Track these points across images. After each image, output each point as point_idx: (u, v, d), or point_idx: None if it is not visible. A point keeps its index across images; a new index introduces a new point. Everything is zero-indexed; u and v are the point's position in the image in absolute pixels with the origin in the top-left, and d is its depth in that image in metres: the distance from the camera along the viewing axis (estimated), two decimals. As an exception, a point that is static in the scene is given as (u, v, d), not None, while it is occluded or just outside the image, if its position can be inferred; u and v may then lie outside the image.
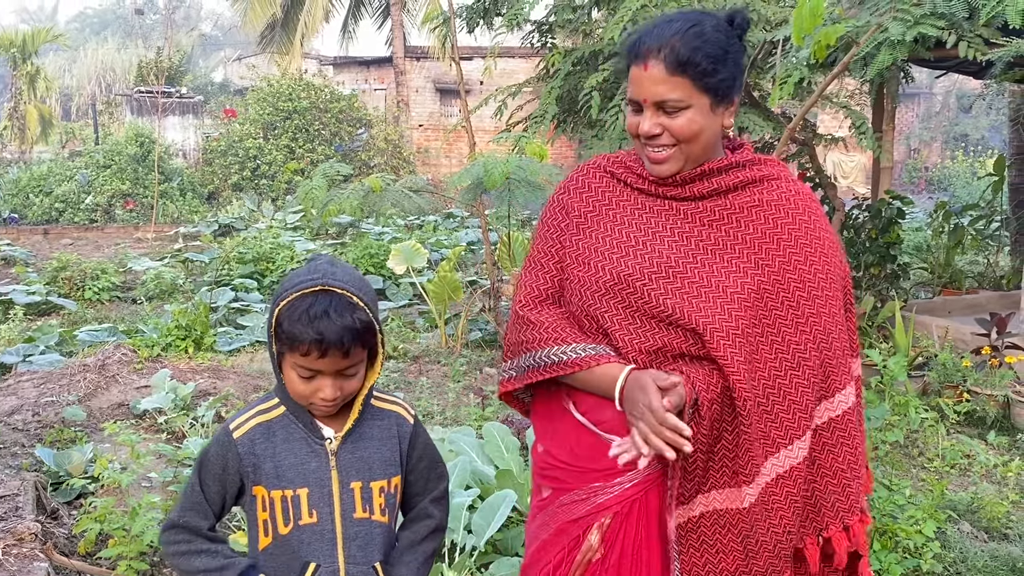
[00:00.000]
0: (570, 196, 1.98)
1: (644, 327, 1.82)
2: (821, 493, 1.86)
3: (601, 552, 1.83)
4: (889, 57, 3.83)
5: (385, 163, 18.65)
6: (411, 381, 6.29)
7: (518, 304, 1.96)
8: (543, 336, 1.88)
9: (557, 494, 1.91)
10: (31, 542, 3.44)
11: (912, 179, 24.79)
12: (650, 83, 1.77)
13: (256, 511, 1.82)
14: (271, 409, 1.84)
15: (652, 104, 1.78)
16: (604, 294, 1.84)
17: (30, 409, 5.38)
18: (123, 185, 16.89)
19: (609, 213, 1.91)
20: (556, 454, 1.92)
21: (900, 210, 7.21)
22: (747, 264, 1.82)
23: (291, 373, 1.77)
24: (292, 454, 1.81)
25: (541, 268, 1.96)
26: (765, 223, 1.85)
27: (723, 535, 1.80)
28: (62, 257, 9.93)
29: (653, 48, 1.76)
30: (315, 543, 1.80)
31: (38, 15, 56.13)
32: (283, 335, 1.73)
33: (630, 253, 1.85)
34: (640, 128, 1.81)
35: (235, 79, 31.00)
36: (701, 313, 1.76)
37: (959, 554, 3.71)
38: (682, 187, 1.87)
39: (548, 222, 1.99)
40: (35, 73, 24.16)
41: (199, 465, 1.82)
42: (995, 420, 5.38)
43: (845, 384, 1.88)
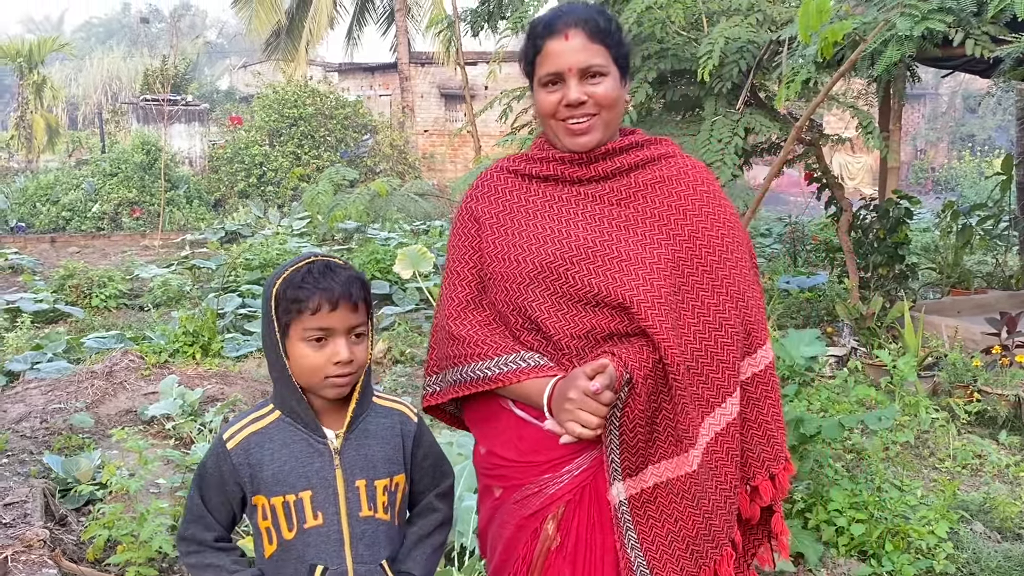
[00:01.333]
0: (478, 202, 2.00)
1: (571, 311, 1.85)
2: (748, 445, 1.94)
3: (558, 540, 1.86)
4: (897, 53, 3.81)
5: (390, 169, 18.68)
6: (418, 385, 6.28)
7: (442, 317, 1.97)
8: (469, 351, 1.90)
9: (509, 492, 1.91)
10: (40, 549, 3.44)
11: (919, 180, 24.75)
12: (572, 53, 1.86)
13: (257, 520, 1.80)
14: (265, 416, 1.82)
15: (576, 71, 1.86)
16: (528, 283, 1.87)
17: (38, 416, 5.39)
18: (129, 193, 16.93)
19: (520, 209, 1.95)
20: (501, 453, 1.92)
21: (908, 210, 7.18)
22: (660, 236, 1.89)
23: (301, 348, 1.75)
24: (292, 457, 1.78)
25: (459, 276, 1.97)
26: (669, 196, 1.93)
27: (679, 502, 1.83)
28: (69, 265, 9.95)
29: (571, 22, 1.86)
30: (322, 545, 1.79)
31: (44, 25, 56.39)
32: (287, 304, 1.74)
33: (548, 241, 1.89)
34: (568, 97, 1.87)
35: (241, 86, 31.09)
36: (626, 287, 1.81)
37: (972, 554, 3.69)
38: (586, 167, 1.93)
39: (459, 231, 2.01)
40: (41, 82, 24.29)
41: (197, 478, 1.81)
42: (1006, 420, 5.35)
43: (765, 340, 1.96)
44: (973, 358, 5.74)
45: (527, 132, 7.49)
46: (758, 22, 5.79)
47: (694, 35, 6.00)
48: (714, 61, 5.33)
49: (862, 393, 4.96)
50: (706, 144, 5.43)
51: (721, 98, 5.90)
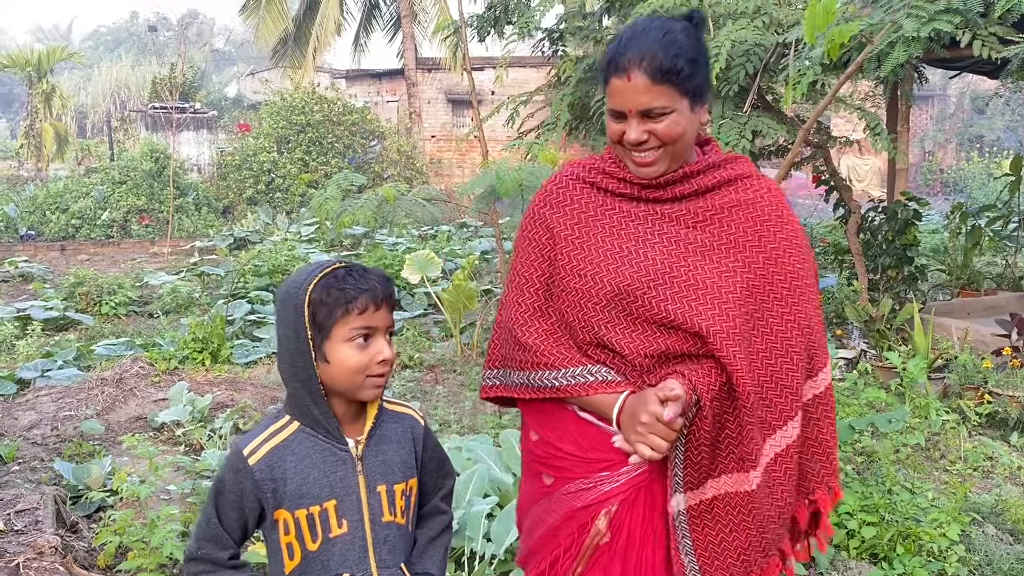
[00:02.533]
0: (552, 211, 1.99)
1: (645, 332, 1.88)
2: (808, 462, 2.01)
3: (608, 536, 1.90)
4: (904, 54, 3.81)
5: (398, 174, 18.70)
6: (427, 390, 6.29)
7: (509, 321, 1.99)
8: (537, 360, 1.93)
9: (561, 482, 1.96)
10: (51, 555, 3.45)
11: (927, 181, 24.65)
12: (634, 93, 1.83)
13: (278, 536, 1.77)
14: (283, 428, 1.79)
15: (638, 113, 1.85)
16: (605, 305, 1.89)
17: (49, 423, 5.41)
18: (139, 200, 16.99)
19: (595, 223, 1.95)
20: (560, 445, 1.96)
21: (916, 212, 7.16)
22: (735, 263, 1.91)
23: (344, 350, 1.74)
24: (315, 468, 1.77)
25: (527, 282, 1.98)
26: (745, 222, 1.94)
27: (735, 514, 1.89)
28: (79, 273, 9.98)
29: (635, 59, 1.82)
30: (347, 553, 1.78)
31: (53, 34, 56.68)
32: (330, 307, 1.73)
33: (625, 263, 1.90)
34: (627, 137, 1.87)
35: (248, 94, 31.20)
36: (701, 316, 1.84)
37: (984, 557, 3.67)
38: (664, 189, 1.93)
39: (530, 237, 2.01)
40: (51, 91, 24.38)
41: (215, 495, 1.76)
42: (1017, 421, 5.32)
43: (826, 362, 2.03)
44: (983, 360, 5.72)
45: (534, 136, 7.50)
46: (764, 25, 5.78)
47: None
48: (720, 64, 5.33)
49: (872, 395, 4.94)
50: (713, 147, 5.42)
51: (728, 101, 5.90)
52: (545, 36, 7.82)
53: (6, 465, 4.71)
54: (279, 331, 1.80)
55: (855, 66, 3.86)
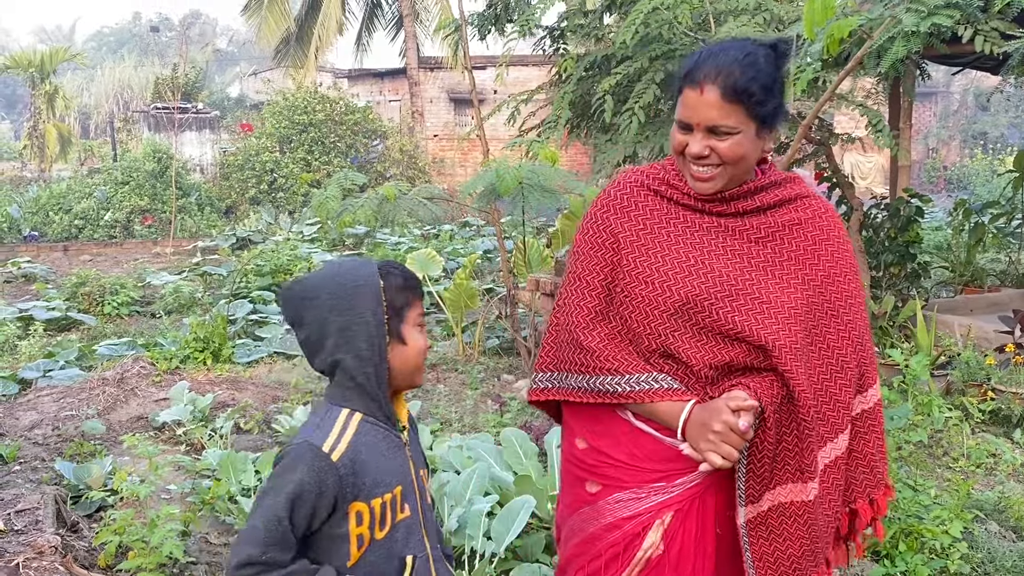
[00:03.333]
0: (615, 215, 1.99)
1: (710, 343, 1.90)
2: (852, 473, 2.06)
3: (661, 548, 1.91)
4: (903, 49, 3.80)
5: (401, 174, 18.71)
6: (429, 389, 6.28)
7: (569, 324, 1.98)
8: (599, 364, 1.93)
9: (609, 491, 1.96)
10: (51, 555, 3.44)
11: (931, 178, 24.63)
12: (705, 107, 1.84)
13: (347, 528, 1.75)
14: (349, 420, 1.78)
15: (704, 128, 1.85)
16: (673, 314, 1.90)
17: (50, 423, 5.41)
18: (141, 201, 17.01)
19: (661, 232, 1.95)
20: (611, 453, 1.96)
21: (919, 208, 7.14)
22: (795, 280, 1.94)
23: (415, 333, 1.84)
24: (383, 456, 1.80)
25: (588, 286, 1.97)
26: (805, 240, 1.98)
27: (789, 525, 1.92)
28: (81, 273, 10.00)
29: (711, 74, 1.82)
30: (410, 536, 1.83)
31: (56, 35, 56.77)
32: (405, 292, 1.83)
33: (692, 273, 1.90)
34: (689, 150, 1.88)
35: (251, 94, 31.20)
36: (766, 330, 1.87)
37: (987, 554, 3.65)
38: (727, 204, 1.96)
39: (592, 241, 2.00)
40: (53, 92, 24.42)
41: (292, 497, 1.68)
42: (1021, 418, 5.30)
43: (875, 379, 2.07)
44: (986, 356, 5.70)
45: (535, 135, 7.48)
46: (765, 21, 5.77)
47: (701, 35, 5.98)
48: (721, 61, 5.31)
49: (875, 393, 4.92)
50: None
51: (729, 98, 5.87)
52: (546, 34, 7.80)
53: (7, 465, 4.71)
54: (340, 324, 1.77)
55: (855, 62, 3.85)
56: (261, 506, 1.70)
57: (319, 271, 1.87)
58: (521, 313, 7.33)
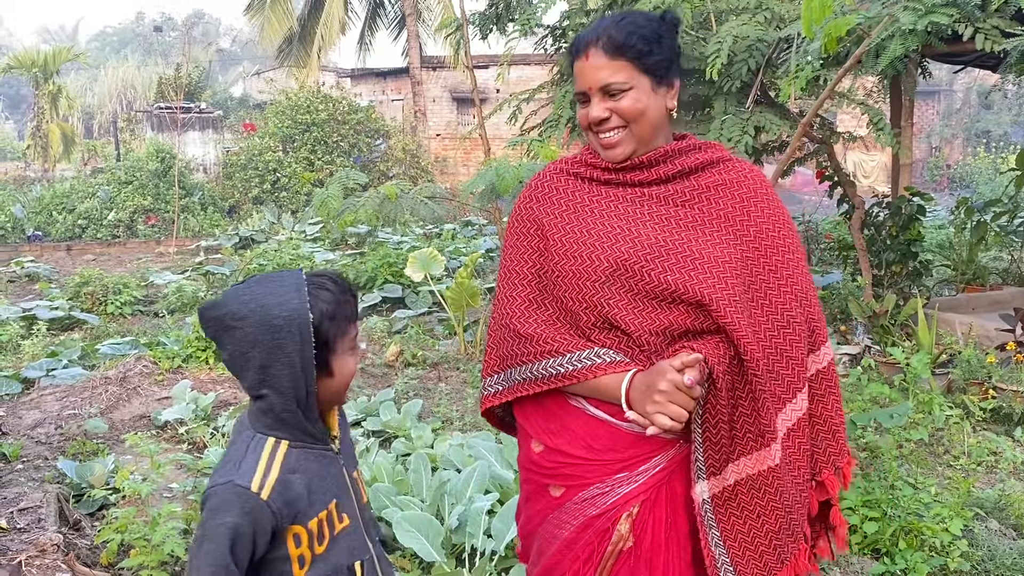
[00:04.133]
0: (538, 203, 2.00)
1: (647, 308, 1.86)
2: (815, 440, 1.99)
3: (631, 541, 1.85)
4: (901, 47, 3.80)
5: (403, 173, 18.71)
6: (430, 388, 6.29)
7: (505, 317, 1.96)
8: (538, 348, 1.90)
9: (574, 491, 1.90)
10: (53, 553, 3.46)
11: (934, 177, 24.59)
12: (592, 71, 1.87)
13: (287, 551, 1.70)
14: (275, 451, 1.71)
15: (598, 90, 1.88)
16: (605, 281, 1.87)
17: (53, 422, 5.43)
18: (144, 201, 17.03)
19: (585, 209, 1.95)
20: (569, 451, 1.90)
21: (920, 207, 7.14)
22: (727, 236, 1.90)
23: (346, 360, 1.77)
24: (316, 477, 1.75)
25: (519, 276, 1.97)
26: (733, 199, 1.94)
27: (761, 498, 1.86)
28: (85, 272, 10.01)
29: (591, 39, 1.88)
30: (352, 543, 1.80)
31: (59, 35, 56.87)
32: (338, 321, 1.73)
33: (619, 240, 1.89)
34: (590, 115, 1.90)
35: (254, 93, 31.22)
36: (703, 285, 1.82)
37: (987, 552, 3.66)
38: (647, 171, 1.94)
39: (518, 232, 2.01)
40: (57, 92, 24.47)
41: (230, 543, 1.62)
42: (1021, 416, 5.30)
43: (826, 337, 2.01)
44: (988, 355, 5.70)
45: (537, 134, 7.49)
46: (766, 20, 5.77)
47: (702, 34, 5.99)
48: (722, 59, 5.33)
49: (876, 391, 4.93)
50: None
51: (731, 97, 5.89)
52: (547, 33, 7.81)
53: (10, 463, 4.73)
54: (261, 359, 1.67)
55: (853, 60, 3.85)
56: (202, 554, 1.62)
57: (244, 293, 1.71)
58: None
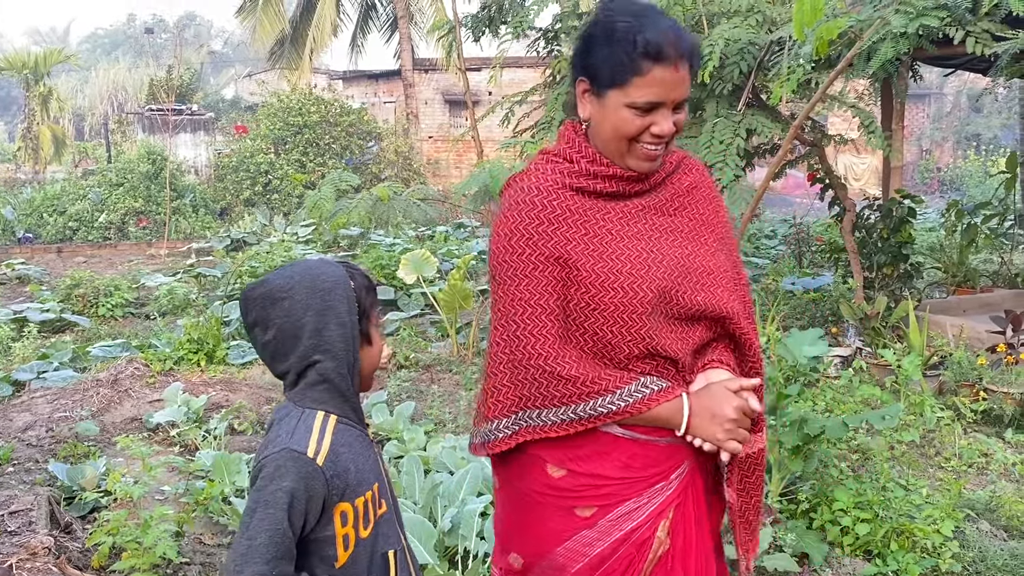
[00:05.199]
0: (553, 227, 1.82)
1: (680, 329, 1.87)
2: None
3: (668, 543, 1.89)
4: (892, 50, 3.81)
5: (395, 175, 18.71)
6: (423, 390, 6.29)
7: (532, 357, 1.80)
8: (584, 390, 1.79)
9: (607, 509, 1.87)
10: (44, 556, 3.44)
11: (924, 180, 24.69)
12: (679, 84, 1.76)
13: (333, 531, 1.71)
14: (325, 423, 1.73)
15: (672, 104, 1.77)
16: (650, 313, 1.81)
17: (43, 425, 5.40)
18: (136, 203, 16.99)
19: (605, 232, 1.84)
20: (603, 473, 1.86)
21: (911, 209, 7.16)
22: (713, 242, 1.95)
23: (378, 334, 1.87)
24: (360, 456, 1.78)
25: (544, 311, 1.81)
26: (704, 201, 1.98)
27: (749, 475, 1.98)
28: (76, 274, 9.97)
29: (683, 52, 1.74)
30: (390, 531, 1.83)
31: (50, 36, 56.69)
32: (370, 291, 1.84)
33: (651, 264, 1.83)
34: (659, 129, 1.78)
35: (245, 95, 31.19)
36: (722, 300, 1.88)
37: (978, 553, 3.67)
38: (643, 181, 1.89)
39: (532, 260, 1.81)
40: (48, 94, 24.41)
41: (284, 508, 1.61)
42: (1012, 418, 5.32)
43: None
44: (978, 357, 5.72)
45: (530, 136, 7.50)
46: (758, 23, 5.79)
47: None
48: (714, 62, 5.34)
49: (867, 393, 4.94)
50: (708, 146, 5.43)
51: (722, 99, 5.90)
52: (540, 36, 7.82)
53: (1, 467, 4.70)
54: (314, 323, 1.72)
55: (844, 62, 3.87)
56: (254, 520, 1.60)
57: (286, 270, 1.79)
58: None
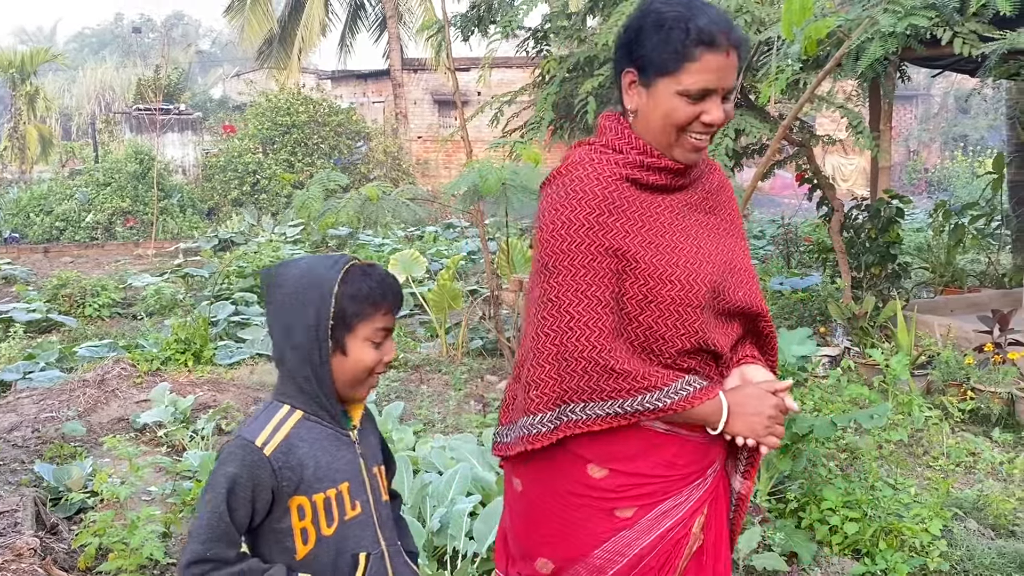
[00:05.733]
0: (611, 218, 1.79)
1: (723, 325, 1.90)
2: None
3: (702, 538, 1.91)
4: (880, 49, 3.83)
5: (384, 175, 18.68)
6: (412, 390, 6.27)
7: (591, 349, 1.77)
8: (635, 385, 1.78)
9: (647, 509, 1.87)
10: (30, 557, 3.42)
11: (912, 180, 24.79)
12: (729, 71, 1.75)
13: (290, 523, 1.75)
14: (287, 417, 1.77)
15: (722, 91, 1.77)
16: (704, 307, 1.82)
17: (29, 425, 5.37)
18: (123, 203, 16.92)
19: (660, 225, 1.84)
20: (646, 471, 1.86)
21: (899, 209, 7.19)
22: (742, 241, 1.99)
23: (363, 348, 1.77)
24: (326, 452, 1.78)
25: (599, 302, 1.78)
26: (730, 200, 2.01)
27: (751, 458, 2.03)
28: (62, 275, 9.92)
29: (734, 39, 1.74)
30: (362, 533, 1.82)
31: (37, 36, 56.37)
32: (360, 302, 1.76)
33: (704, 259, 1.84)
34: (710, 118, 1.77)
35: (234, 95, 31.07)
36: (758, 297, 1.93)
37: (966, 552, 3.68)
38: (684, 175, 1.89)
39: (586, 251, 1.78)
40: (34, 93, 24.25)
41: (224, 492, 1.68)
42: (999, 417, 5.35)
43: None
44: (966, 356, 5.74)
45: (519, 136, 7.50)
46: (747, 23, 5.79)
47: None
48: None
49: (855, 392, 4.95)
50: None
51: (711, 99, 5.90)
52: (529, 36, 7.82)
53: (-14, 467, 4.67)
54: (290, 318, 1.75)
55: (833, 62, 3.88)
56: (201, 503, 1.71)
57: (297, 260, 1.83)
58: (504, 314, 7.33)
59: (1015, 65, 5.04)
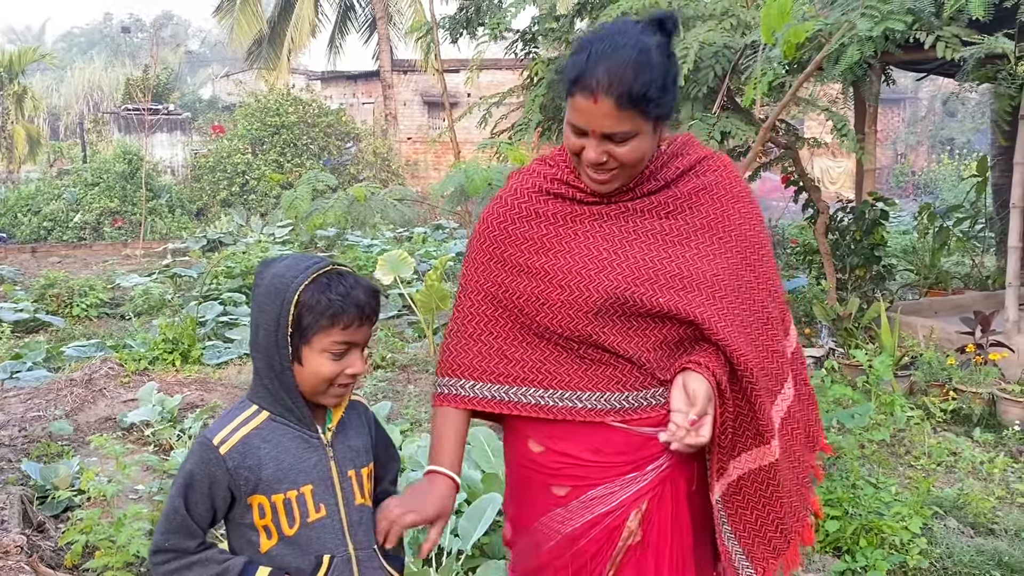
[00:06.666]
0: (515, 226, 1.93)
1: (641, 326, 1.86)
2: (807, 415, 2.08)
3: (640, 535, 1.90)
4: (858, 52, 3.87)
5: (374, 176, 18.68)
6: (399, 390, 6.29)
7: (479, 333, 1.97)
8: (533, 376, 1.93)
9: (580, 491, 1.92)
10: (17, 555, 3.43)
11: (899, 183, 24.90)
12: (600, 117, 1.73)
13: (252, 519, 1.78)
14: (252, 417, 1.79)
15: (599, 135, 1.76)
16: (597, 312, 1.85)
17: (16, 424, 5.37)
18: (111, 203, 16.88)
19: (569, 232, 1.90)
20: (576, 453, 1.92)
21: (884, 211, 7.25)
22: (712, 247, 1.90)
23: (320, 359, 1.75)
24: (289, 454, 1.78)
25: (482, 303, 1.98)
26: (714, 204, 1.93)
27: (764, 489, 1.94)
28: (50, 275, 9.91)
29: (603, 84, 1.69)
30: (326, 536, 1.81)
31: (25, 35, 56.13)
32: (316, 314, 1.73)
33: (608, 266, 1.85)
34: (586, 156, 1.80)
35: (223, 95, 31.02)
36: (693, 304, 1.83)
37: (945, 549, 3.72)
38: (632, 191, 1.89)
39: (488, 251, 1.96)
40: (22, 93, 24.14)
41: (182, 487, 1.74)
42: (980, 417, 5.41)
43: (790, 320, 2.08)
44: (948, 357, 5.80)
45: (507, 137, 7.53)
46: (732, 27, 5.84)
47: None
48: (689, 65, 5.39)
49: (839, 392, 4.99)
50: (682, 147, 5.46)
51: (697, 102, 5.94)
52: (518, 38, 7.86)
53: (-27, 466, 4.68)
54: (258, 319, 1.78)
55: (813, 66, 3.92)
56: (168, 498, 1.77)
57: (279, 259, 1.84)
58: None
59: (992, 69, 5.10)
